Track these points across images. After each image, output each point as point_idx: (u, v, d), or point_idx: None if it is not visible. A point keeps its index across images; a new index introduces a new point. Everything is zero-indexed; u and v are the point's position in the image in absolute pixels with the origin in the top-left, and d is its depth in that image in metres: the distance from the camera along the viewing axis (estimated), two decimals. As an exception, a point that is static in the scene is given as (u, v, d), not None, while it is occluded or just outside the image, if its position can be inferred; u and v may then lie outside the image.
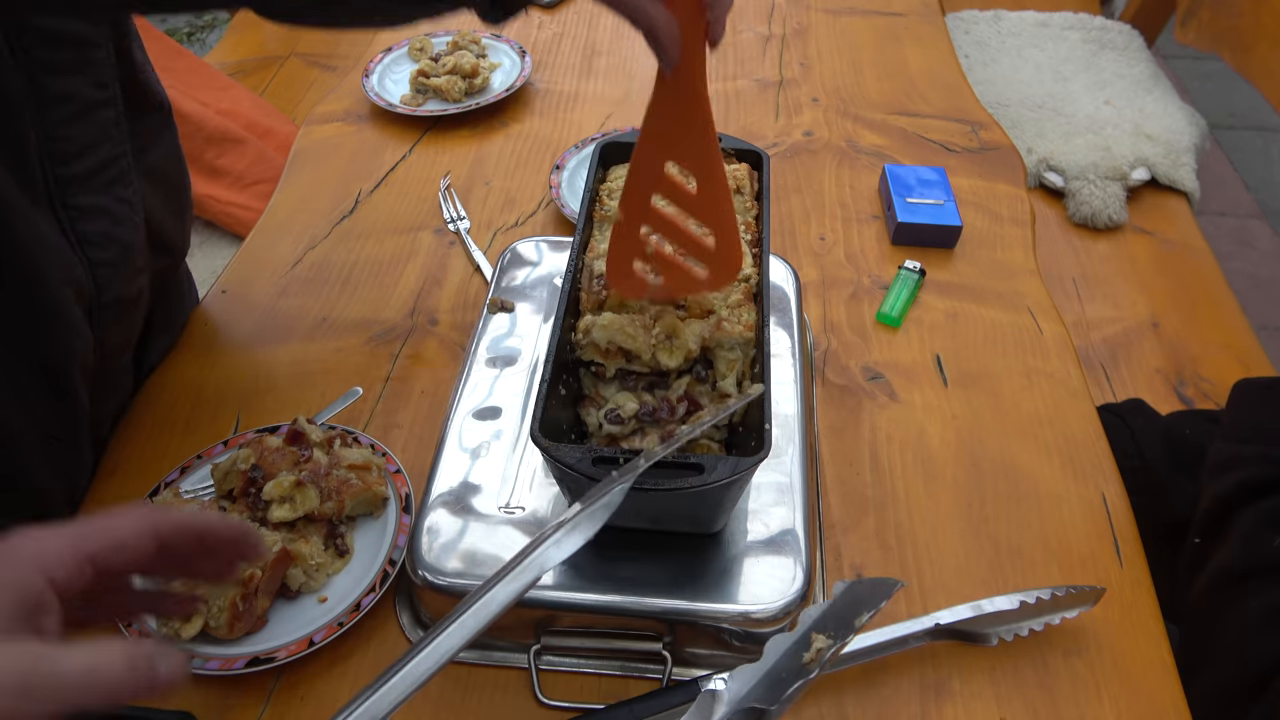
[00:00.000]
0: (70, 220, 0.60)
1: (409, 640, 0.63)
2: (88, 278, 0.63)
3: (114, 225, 0.64)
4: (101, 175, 0.63)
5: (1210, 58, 1.55)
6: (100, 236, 0.63)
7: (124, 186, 0.65)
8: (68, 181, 0.59)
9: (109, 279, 0.64)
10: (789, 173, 1.05)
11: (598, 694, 0.60)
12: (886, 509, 0.71)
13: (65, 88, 0.58)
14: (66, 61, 0.58)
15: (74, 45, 0.59)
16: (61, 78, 0.58)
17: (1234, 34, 1.46)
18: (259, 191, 1.63)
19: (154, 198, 0.72)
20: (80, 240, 0.61)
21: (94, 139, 0.61)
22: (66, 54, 0.58)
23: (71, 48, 0.58)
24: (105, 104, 0.62)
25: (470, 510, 0.63)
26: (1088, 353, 1.18)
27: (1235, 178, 2.47)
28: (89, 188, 0.61)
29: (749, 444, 0.56)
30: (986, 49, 1.65)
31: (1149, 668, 0.62)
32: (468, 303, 0.88)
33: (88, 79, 0.60)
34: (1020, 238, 0.96)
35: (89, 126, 0.61)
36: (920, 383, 0.81)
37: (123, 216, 0.65)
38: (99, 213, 0.62)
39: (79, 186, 0.60)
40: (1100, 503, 0.72)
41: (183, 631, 0.58)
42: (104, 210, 0.63)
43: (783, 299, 0.78)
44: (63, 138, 0.59)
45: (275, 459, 0.66)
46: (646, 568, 0.60)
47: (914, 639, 0.61)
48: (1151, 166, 1.38)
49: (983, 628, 0.61)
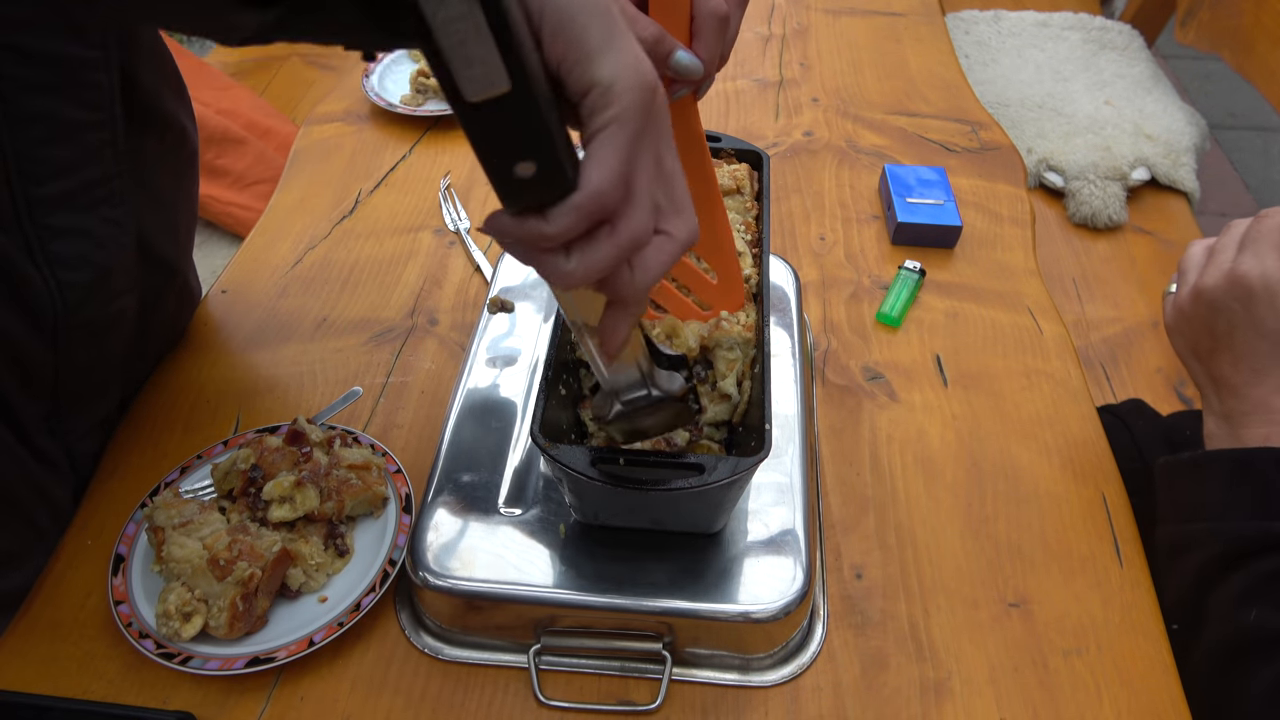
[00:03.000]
0: (41, 240, 0.59)
1: (409, 640, 0.63)
2: (56, 298, 0.62)
3: (95, 247, 0.63)
4: (84, 196, 0.61)
5: (1210, 58, 1.55)
6: (75, 258, 0.62)
7: (112, 207, 0.64)
8: (40, 201, 0.58)
9: (81, 300, 0.63)
10: (789, 173, 1.05)
11: (598, 694, 0.60)
12: (886, 509, 0.71)
13: (41, 107, 0.57)
14: (44, 81, 0.57)
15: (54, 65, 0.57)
16: (37, 96, 0.56)
17: (1234, 34, 1.46)
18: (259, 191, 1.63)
19: (153, 218, 0.71)
20: (50, 260, 0.60)
21: (76, 160, 0.60)
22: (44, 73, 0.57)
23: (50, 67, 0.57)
24: (95, 126, 0.61)
25: (470, 510, 0.63)
26: (1088, 353, 1.18)
27: (1235, 178, 2.47)
28: (68, 208, 0.60)
29: (749, 444, 0.56)
30: (986, 49, 1.65)
31: (1149, 668, 0.62)
32: (468, 303, 0.88)
33: (72, 99, 0.59)
34: (1020, 238, 0.96)
35: (72, 147, 0.60)
36: (920, 383, 0.81)
37: (106, 238, 0.64)
38: (78, 234, 0.61)
39: (55, 206, 0.59)
40: (1100, 503, 0.72)
41: (183, 631, 0.58)
42: (84, 231, 0.62)
43: (783, 299, 0.78)
44: (39, 158, 0.57)
45: (275, 459, 0.66)
46: (646, 568, 0.60)
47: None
48: (1151, 166, 1.38)
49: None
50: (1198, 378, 0.68)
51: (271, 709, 0.59)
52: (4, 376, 0.60)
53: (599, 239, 0.35)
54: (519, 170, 0.32)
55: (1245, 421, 0.63)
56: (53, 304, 0.61)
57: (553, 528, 0.62)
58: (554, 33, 0.32)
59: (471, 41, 0.27)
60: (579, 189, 0.34)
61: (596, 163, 0.34)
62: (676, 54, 0.48)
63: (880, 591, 0.66)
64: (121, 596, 0.61)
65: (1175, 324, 0.69)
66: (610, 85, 0.33)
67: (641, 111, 0.34)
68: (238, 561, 0.59)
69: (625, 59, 0.33)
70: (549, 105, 0.32)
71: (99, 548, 0.67)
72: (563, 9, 0.32)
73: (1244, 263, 0.63)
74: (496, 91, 0.29)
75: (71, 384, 0.66)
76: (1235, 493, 0.61)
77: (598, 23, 0.33)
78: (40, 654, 0.62)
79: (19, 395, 0.62)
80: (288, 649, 0.59)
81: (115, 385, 0.74)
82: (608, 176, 0.34)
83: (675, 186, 0.39)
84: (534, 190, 0.33)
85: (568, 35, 0.32)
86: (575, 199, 0.34)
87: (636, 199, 0.36)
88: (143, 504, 0.67)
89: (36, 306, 0.61)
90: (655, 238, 0.38)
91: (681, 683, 0.61)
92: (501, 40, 0.28)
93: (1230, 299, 0.63)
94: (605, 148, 0.34)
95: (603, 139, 0.34)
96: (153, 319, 0.76)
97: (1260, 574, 0.58)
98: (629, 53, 0.34)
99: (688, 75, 0.49)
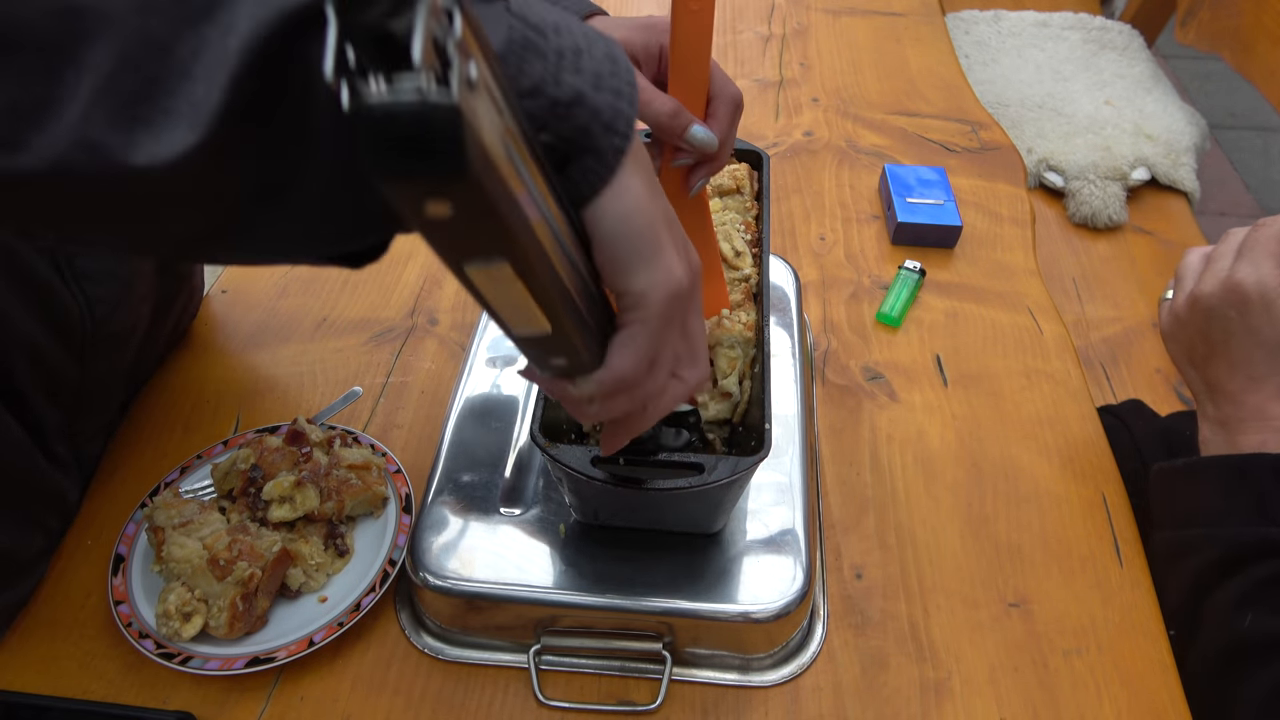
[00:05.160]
0: (68, 257, 0.60)
1: (409, 640, 0.63)
2: (85, 313, 0.62)
3: (117, 260, 0.64)
4: None
5: (1210, 58, 1.55)
6: (100, 272, 0.63)
7: None
8: None
9: (108, 313, 0.64)
10: (789, 173, 1.05)
11: (598, 694, 0.60)
12: (886, 509, 0.71)
13: None
14: None
15: None
16: None
17: (1234, 34, 1.46)
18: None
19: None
20: (77, 276, 0.61)
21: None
22: None
23: None
24: None
25: (470, 510, 0.63)
26: (1088, 353, 1.17)
27: (1235, 178, 2.47)
28: None
29: (749, 444, 0.56)
30: (986, 49, 1.65)
31: (1149, 668, 0.62)
32: (468, 303, 0.88)
33: None
34: (1020, 238, 0.96)
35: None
36: (920, 383, 0.81)
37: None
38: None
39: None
40: (1100, 503, 0.72)
41: (183, 631, 0.58)
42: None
43: (783, 299, 0.78)
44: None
45: (275, 459, 0.66)
46: (646, 568, 0.60)
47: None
48: (1151, 166, 1.38)
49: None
50: (1193, 384, 0.68)
51: (271, 709, 0.59)
52: (34, 389, 0.61)
53: (618, 396, 0.39)
54: (553, 361, 0.37)
55: (1241, 428, 0.63)
56: (82, 319, 0.63)
57: (553, 528, 0.62)
58: (600, 245, 0.36)
59: (517, 303, 0.31)
60: (604, 368, 0.38)
61: (622, 350, 0.38)
62: (692, 128, 0.51)
63: (880, 591, 0.66)
64: (121, 596, 0.61)
65: (1171, 330, 0.69)
66: (642, 294, 0.37)
67: (667, 310, 0.38)
68: (238, 561, 0.59)
69: (659, 274, 0.37)
70: (583, 330, 0.36)
71: (99, 548, 0.67)
72: (611, 231, 0.36)
73: (1240, 271, 0.63)
74: (538, 333, 0.34)
75: (89, 392, 0.67)
76: (1232, 499, 0.61)
77: (640, 244, 0.36)
78: (40, 654, 0.62)
79: (45, 406, 0.63)
80: (288, 649, 0.59)
81: (122, 389, 0.75)
82: (630, 364, 0.38)
83: (696, 343, 0.42)
84: (563, 371, 0.38)
85: (610, 251, 0.36)
86: (600, 375, 0.38)
87: (658, 371, 0.40)
88: (143, 504, 0.67)
89: (68, 322, 0.62)
90: (669, 382, 0.42)
91: (681, 683, 0.61)
92: (543, 302, 0.32)
93: (1226, 307, 0.63)
94: (631, 338, 0.38)
95: (630, 332, 0.38)
96: (163, 323, 0.77)
97: (1257, 579, 0.58)
98: (664, 267, 0.37)
99: (703, 148, 0.52)
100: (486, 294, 0.31)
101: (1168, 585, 0.66)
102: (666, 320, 0.38)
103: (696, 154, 0.53)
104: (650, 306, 0.37)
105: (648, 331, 0.37)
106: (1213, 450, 0.65)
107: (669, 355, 0.40)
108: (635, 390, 0.39)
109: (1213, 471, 0.63)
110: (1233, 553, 0.60)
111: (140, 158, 0.26)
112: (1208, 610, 0.61)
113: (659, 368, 0.39)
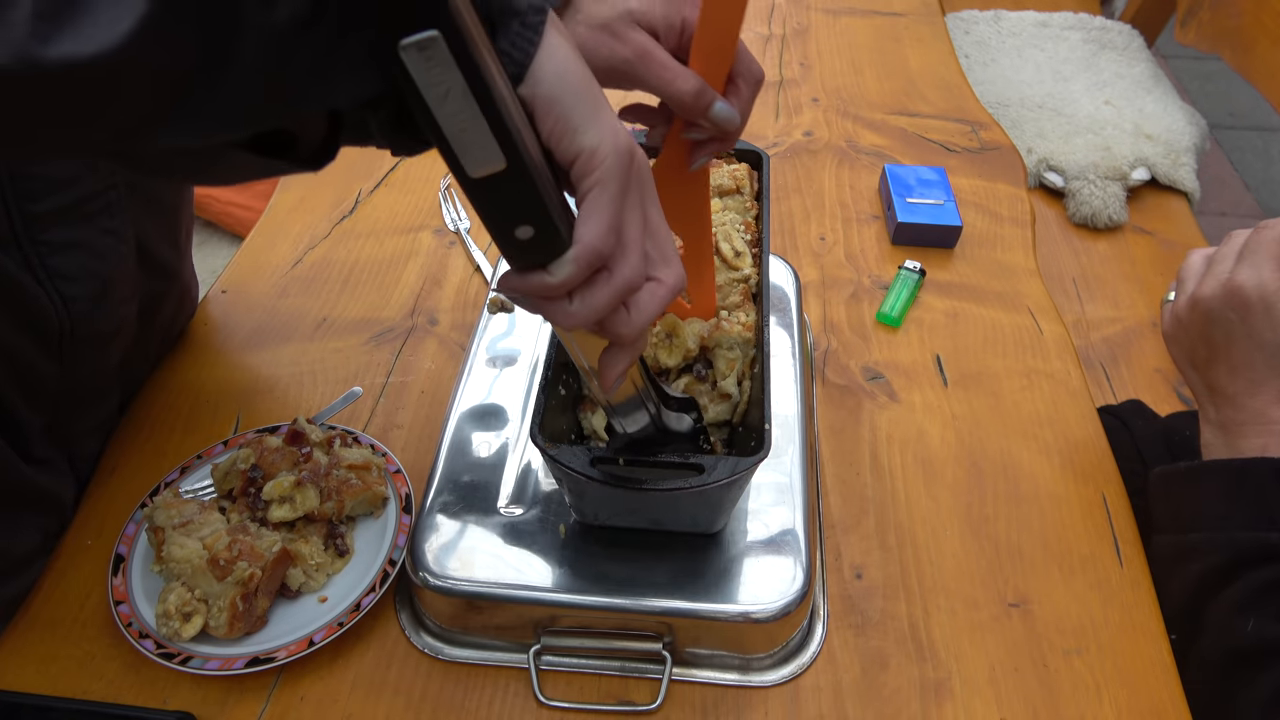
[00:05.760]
0: (40, 255, 0.59)
1: (409, 640, 0.63)
2: (60, 312, 0.62)
3: (94, 259, 0.63)
4: (81, 209, 0.61)
5: (1210, 58, 1.55)
6: (75, 271, 0.62)
7: (109, 219, 0.64)
8: (36, 217, 0.58)
9: (85, 313, 0.63)
10: (789, 173, 1.05)
11: (598, 694, 0.60)
12: (886, 509, 0.71)
13: None
14: None
15: None
16: None
17: (1234, 34, 1.46)
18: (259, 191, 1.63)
19: (151, 224, 0.71)
20: (51, 275, 0.60)
21: (73, 174, 0.60)
22: None
23: None
24: None
25: (470, 510, 0.63)
26: (1088, 353, 1.17)
27: (1235, 178, 2.47)
28: (65, 222, 0.60)
29: (749, 444, 0.56)
30: (986, 49, 1.65)
31: (1149, 668, 0.62)
32: (468, 303, 0.88)
33: None
34: (1020, 238, 0.97)
35: (66, 162, 0.60)
36: (920, 383, 0.81)
37: (105, 249, 0.64)
38: (76, 247, 0.61)
39: (51, 221, 0.59)
40: (1100, 503, 0.72)
41: (183, 631, 0.58)
42: (83, 244, 0.62)
43: (783, 299, 0.78)
44: (33, 175, 0.57)
45: (275, 459, 0.66)
46: (646, 568, 0.60)
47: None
48: (1151, 166, 1.38)
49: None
50: (1195, 387, 0.68)
51: (271, 709, 0.59)
52: (9, 393, 0.61)
53: (598, 284, 0.40)
54: (519, 233, 0.37)
55: (1242, 432, 0.63)
56: (58, 318, 0.62)
57: (553, 528, 0.62)
58: (544, 112, 0.37)
59: (470, 129, 0.32)
60: (575, 243, 0.38)
61: (588, 219, 0.38)
62: (716, 105, 0.51)
63: (880, 591, 0.66)
64: (121, 596, 0.61)
65: (1173, 333, 0.69)
66: (593, 151, 0.38)
67: (623, 172, 0.38)
68: (238, 561, 0.59)
69: (605, 130, 0.38)
70: (542, 176, 0.36)
71: (99, 548, 0.67)
72: (550, 93, 0.37)
73: (1241, 273, 0.63)
74: (494, 169, 0.34)
75: (73, 392, 0.66)
76: (1232, 503, 0.61)
77: (581, 101, 0.38)
78: (40, 654, 0.62)
79: (23, 409, 0.62)
80: (288, 649, 0.59)
81: (114, 389, 0.74)
82: (599, 230, 0.38)
83: (662, 240, 0.43)
84: (534, 250, 0.38)
85: (555, 113, 0.37)
86: (572, 252, 0.38)
87: (628, 248, 0.40)
88: (143, 504, 0.67)
89: (42, 322, 0.61)
90: (647, 284, 0.42)
91: (681, 683, 0.61)
92: (495, 126, 0.32)
93: (1227, 309, 0.63)
94: (594, 205, 0.38)
95: (592, 198, 0.38)
96: (152, 323, 0.76)
97: (1258, 584, 0.58)
98: (608, 125, 0.38)
99: (724, 125, 0.51)
100: (444, 123, 0.32)
101: (1168, 589, 0.66)
102: (623, 184, 0.39)
103: (714, 130, 0.52)
104: (604, 163, 0.38)
105: (608, 195, 0.38)
106: (1214, 454, 0.65)
107: (635, 234, 0.40)
108: (614, 272, 0.40)
109: (1213, 475, 0.63)
110: (1234, 557, 0.59)
111: (88, 46, 0.27)
112: (1209, 614, 0.60)
113: (629, 244, 0.40)
